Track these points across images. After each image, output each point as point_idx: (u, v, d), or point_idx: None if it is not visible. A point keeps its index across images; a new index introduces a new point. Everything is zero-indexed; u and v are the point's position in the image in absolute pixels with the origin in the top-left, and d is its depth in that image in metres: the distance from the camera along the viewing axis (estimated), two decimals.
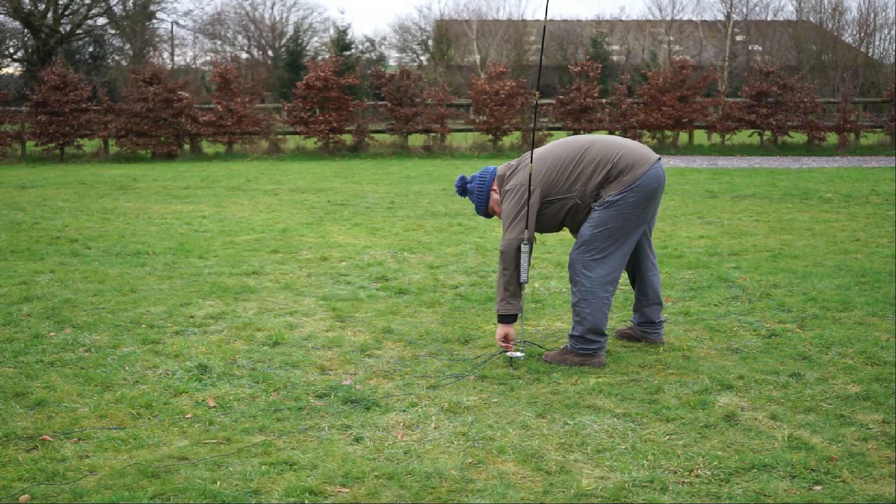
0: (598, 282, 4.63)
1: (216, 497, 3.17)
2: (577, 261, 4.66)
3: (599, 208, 4.60)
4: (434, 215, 10.18)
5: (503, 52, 36.48)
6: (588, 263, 4.63)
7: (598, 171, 4.60)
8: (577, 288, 4.68)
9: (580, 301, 4.66)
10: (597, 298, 4.64)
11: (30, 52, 32.92)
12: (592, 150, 4.66)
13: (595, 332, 4.63)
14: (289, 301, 6.05)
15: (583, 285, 4.65)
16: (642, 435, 3.71)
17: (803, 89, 20.46)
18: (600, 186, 4.61)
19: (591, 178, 4.61)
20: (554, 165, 4.68)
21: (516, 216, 4.63)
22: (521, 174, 4.71)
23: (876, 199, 11.43)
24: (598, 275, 4.63)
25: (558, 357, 4.70)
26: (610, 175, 4.59)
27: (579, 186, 4.63)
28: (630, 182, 4.56)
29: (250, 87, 20.89)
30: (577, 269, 4.67)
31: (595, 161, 4.63)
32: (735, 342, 5.05)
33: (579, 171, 4.63)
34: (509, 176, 4.79)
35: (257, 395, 4.20)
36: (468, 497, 3.18)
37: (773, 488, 3.23)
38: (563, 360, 4.67)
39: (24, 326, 5.38)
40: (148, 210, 10.68)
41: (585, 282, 4.64)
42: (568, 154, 4.69)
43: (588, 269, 4.64)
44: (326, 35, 40.89)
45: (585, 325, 4.63)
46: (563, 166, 4.66)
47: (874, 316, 5.55)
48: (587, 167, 4.63)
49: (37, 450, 3.58)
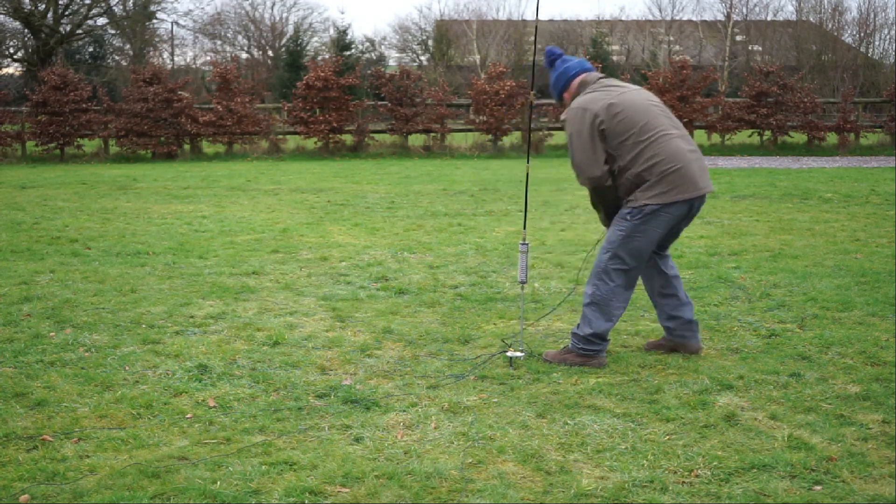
0: (617, 291, 4.59)
1: (216, 497, 3.17)
2: (604, 264, 4.59)
3: (632, 219, 4.48)
4: (434, 215, 10.18)
5: (503, 52, 36.48)
6: (613, 271, 4.57)
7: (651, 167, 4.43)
8: (594, 290, 4.62)
9: (593, 304, 4.61)
10: (609, 307, 4.60)
11: (30, 52, 32.94)
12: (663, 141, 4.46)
13: (599, 337, 4.61)
14: (289, 301, 6.05)
15: (601, 289, 4.59)
16: (642, 435, 3.71)
17: (803, 89, 20.46)
18: (639, 178, 4.45)
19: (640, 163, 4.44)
20: (629, 120, 4.47)
21: (588, 151, 4.46)
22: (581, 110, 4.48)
23: (876, 199, 11.43)
24: (617, 283, 4.58)
25: (559, 356, 4.68)
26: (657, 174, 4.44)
27: (626, 158, 4.46)
28: (671, 200, 4.44)
29: (250, 87, 20.88)
30: (600, 272, 4.60)
31: (656, 154, 4.44)
32: (735, 342, 5.05)
33: (639, 149, 4.45)
34: (584, 94, 4.58)
35: (257, 395, 4.20)
36: (468, 497, 3.18)
37: (773, 488, 3.23)
38: (563, 359, 4.66)
39: (24, 326, 5.38)
40: (148, 210, 10.68)
41: (603, 288, 4.58)
42: (646, 122, 4.48)
43: (610, 276, 4.57)
44: (326, 35, 40.92)
45: (592, 328, 4.59)
46: (634, 131, 4.46)
47: (874, 316, 5.55)
48: (646, 152, 4.44)
49: (37, 450, 3.58)
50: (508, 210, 10.63)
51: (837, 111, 20.98)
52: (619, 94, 4.57)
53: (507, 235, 8.74)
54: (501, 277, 6.78)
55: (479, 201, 11.47)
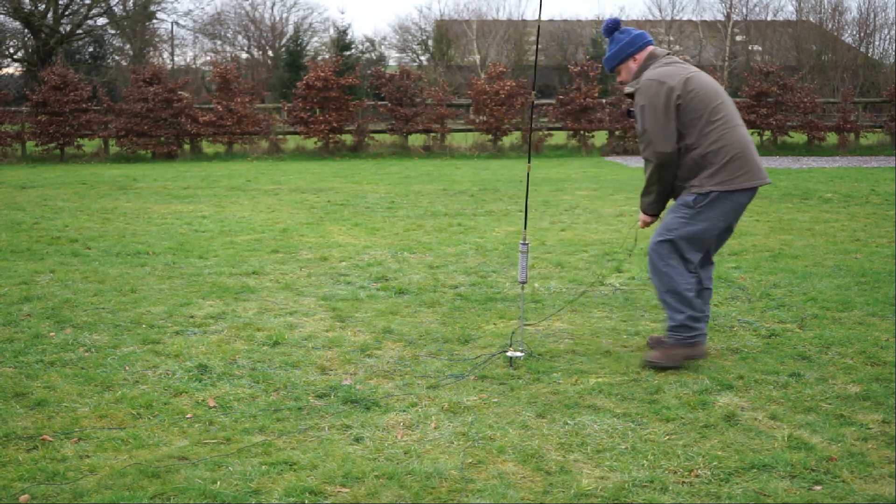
0: (680, 273, 4.49)
1: (216, 497, 3.17)
2: (662, 252, 4.51)
3: (696, 205, 4.43)
4: (434, 215, 10.18)
5: (503, 52, 36.49)
6: (671, 258, 4.49)
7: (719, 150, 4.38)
8: (659, 282, 4.54)
9: (668, 293, 4.52)
10: (682, 293, 4.49)
11: (30, 52, 32.93)
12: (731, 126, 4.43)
13: (693, 319, 4.51)
14: (289, 301, 6.05)
15: (666, 279, 4.50)
16: (642, 435, 3.71)
17: (803, 89, 20.46)
18: (705, 160, 4.39)
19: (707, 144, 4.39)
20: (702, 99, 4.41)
21: (661, 125, 4.38)
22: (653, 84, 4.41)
23: (876, 199, 11.43)
24: (678, 268, 4.49)
25: (664, 357, 4.53)
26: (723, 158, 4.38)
27: (693, 137, 4.41)
28: (738, 187, 4.39)
29: (250, 87, 20.87)
30: (660, 261, 4.51)
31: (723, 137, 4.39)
32: (735, 342, 5.05)
33: (708, 130, 4.39)
34: (655, 67, 4.52)
35: (257, 395, 4.20)
36: (468, 497, 3.18)
37: (773, 488, 3.23)
38: (670, 358, 4.51)
39: (24, 326, 5.38)
40: (148, 210, 10.68)
41: (669, 276, 4.49)
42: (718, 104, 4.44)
43: (670, 263, 4.49)
44: (326, 35, 40.92)
45: (683, 315, 4.50)
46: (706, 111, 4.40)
47: (874, 316, 5.55)
48: (713, 134, 4.39)
49: (37, 450, 3.58)
50: (508, 210, 10.63)
51: (837, 111, 20.98)
52: (693, 72, 4.50)
53: (507, 235, 8.74)
54: (501, 277, 6.79)
55: (479, 201, 11.47)
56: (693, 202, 4.45)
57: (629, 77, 4.65)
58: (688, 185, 4.50)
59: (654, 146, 4.44)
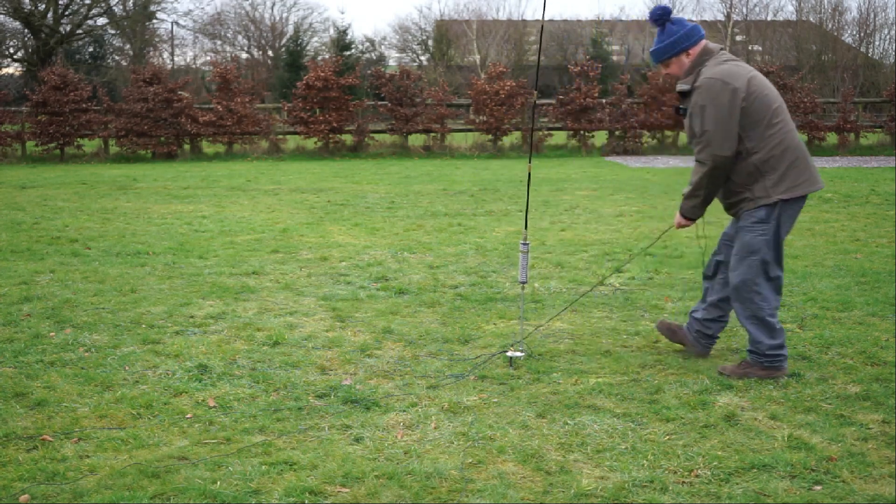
0: (769, 300, 4.37)
1: (216, 497, 3.17)
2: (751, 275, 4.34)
3: (770, 218, 4.29)
4: (434, 215, 10.18)
5: (503, 52, 36.49)
6: (762, 282, 4.34)
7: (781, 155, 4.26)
8: (743, 308, 4.40)
9: (753, 319, 4.38)
10: (768, 320, 4.38)
11: (30, 52, 32.93)
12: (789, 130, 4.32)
13: (775, 347, 4.37)
14: (289, 301, 6.05)
15: (751, 305, 4.37)
16: (642, 435, 3.71)
17: (803, 89, 20.45)
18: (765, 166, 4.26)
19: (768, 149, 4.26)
20: (765, 101, 4.28)
21: (723, 127, 4.22)
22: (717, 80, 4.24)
23: (876, 199, 11.43)
24: (765, 294, 4.37)
25: (739, 371, 4.42)
26: (785, 165, 4.27)
27: (754, 141, 4.27)
28: (801, 193, 4.30)
29: (250, 87, 20.87)
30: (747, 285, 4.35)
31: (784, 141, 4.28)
32: (735, 342, 5.05)
33: (769, 133, 4.26)
34: (713, 64, 4.33)
35: (257, 395, 4.20)
36: (468, 497, 3.18)
37: (773, 488, 3.23)
38: (745, 373, 4.39)
39: (24, 326, 5.38)
40: (148, 210, 10.68)
41: (755, 304, 4.36)
42: (777, 106, 4.32)
43: (758, 288, 4.35)
44: (326, 35, 40.91)
45: (768, 344, 4.36)
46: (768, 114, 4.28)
47: (874, 316, 5.55)
48: (774, 138, 4.27)
49: (37, 450, 3.58)
50: (508, 210, 10.63)
51: (837, 111, 20.97)
52: (752, 71, 4.35)
53: (507, 235, 8.74)
54: (501, 277, 6.78)
55: (479, 201, 11.47)
56: (766, 216, 4.30)
57: (680, 72, 4.44)
58: (746, 195, 4.34)
59: (713, 149, 4.25)
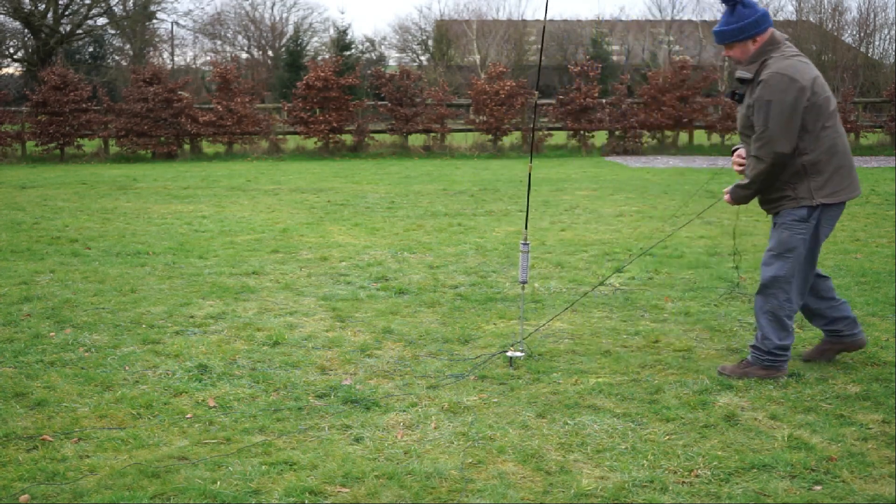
0: (793, 300, 4.35)
1: (216, 497, 3.17)
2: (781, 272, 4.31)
3: (811, 218, 4.26)
4: (434, 215, 10.18)
5: (503, 52, 36.49)
6: (790, 279, 4.31)
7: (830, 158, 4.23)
8: (765, 302, 4.37)
9: (769, 314, 4.36)
10: (784, 320, 4.37)
11: (30, 52, 32.93)
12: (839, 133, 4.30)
13: (783, 349, 4.37)
14: (289, 301, 6.05)
15: (773, 301, 4.34)
16: (642, 435, 3.71)
17: None
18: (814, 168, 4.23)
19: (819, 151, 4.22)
20: (824, 101, 4.22)
21: (786, 125, 4.15)
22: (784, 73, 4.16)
23: (876, 199, 11.42)
24: (791, 294, 4.32)
25: (738, 370, 4.42)
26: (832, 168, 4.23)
27: (807, 142, 4.21)
28: (843, 199, 4.27)
29: (250, 87, 20.87)
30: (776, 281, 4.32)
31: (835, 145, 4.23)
32: (735, 342, 5.05)
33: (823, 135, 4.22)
34: (779, 56, 4.24)
35: (257, 395, 4.20)
36: (468, 497, 3.18)
37: (773, 488, 3.23)
38: (744, 373, 4.39)
39: (24, 326, 5.38)
40: (148, 210, 10.68)
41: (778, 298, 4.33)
42: (833, 107, 4.28)
43: (786, 285, 4.31)
44: (326, 35, 40.90)
45: (776, 342, 4.34)
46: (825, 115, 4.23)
47: (874, 316, 5.55)
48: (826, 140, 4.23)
49: (37, 450, 3.58)
50: (508, 210, 10.63)
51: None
52: (815, 70, 4.27)
53: (507, 235, 8.74)
54: (501, 277, 6.78)
55: (479, 201, 11.47)
56: (807, 216, 4.27)
57: (743, 57, 4.34)
58: (789, 193, 4.31)
59: (774, 146, 4.19)
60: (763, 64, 4.28)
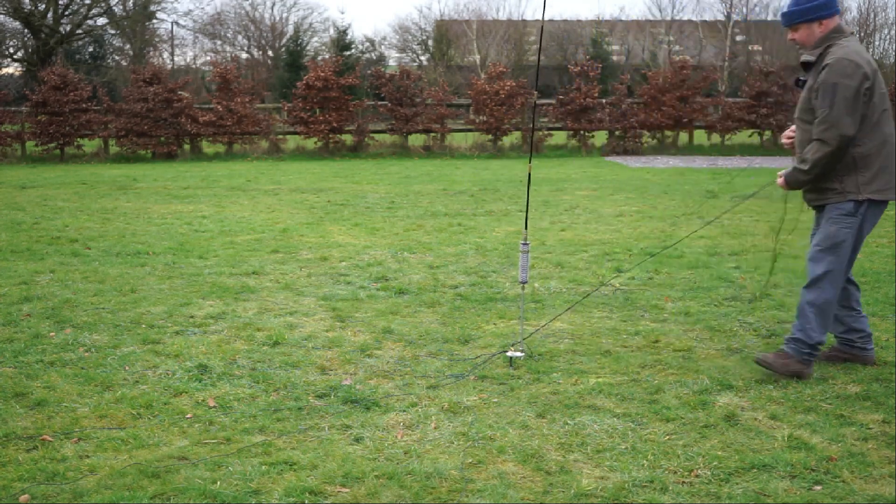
0: (835, 295, 4.34)
1: (216, 497, 3.17)
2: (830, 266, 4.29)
3: (858, 213, 4.25)
4: (434, 215, 10.18)
5: (503, 52, 36.51)
6: (836, 273, 4.29)
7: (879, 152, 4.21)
8: (815, 296, 4.33)
9: (815, 308, 4.32)
10: (828, 315, 4.36)
11: (30, 52, 32.93)
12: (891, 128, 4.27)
13: (820, 344, 4.37)
14: (289, 301, 6.05)
15: (822, 295, 4.31)
16: (642, 435, 3.71)
17: None
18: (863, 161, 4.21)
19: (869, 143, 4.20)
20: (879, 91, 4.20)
21: (851, 108, 4.12)
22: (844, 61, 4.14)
23: None
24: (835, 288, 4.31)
25: (778, 363, 4.37)
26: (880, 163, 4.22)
27: (861, 132, 4.19)
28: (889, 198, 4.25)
29: (250, 87, 20.87)
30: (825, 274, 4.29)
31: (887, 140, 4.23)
32: (735, 342, 5.05)
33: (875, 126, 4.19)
34: (844, 43, 4.21)
35: (257, 395, 4.20)
36: (468, 497, 3.18)
37: (773, 488, 3.23)
38: (784, 366, 4.35)
39: (24, 326, 5.38)
40: (148, 210, 10.68)
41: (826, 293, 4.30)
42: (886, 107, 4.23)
43: (833, 279, 4.29)
44: (326, 35, 40.91)
45: (817, 337, 4.33)
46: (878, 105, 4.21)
47: (874, 316, 5.55)
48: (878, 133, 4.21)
49: (37, 450, 3.58)
50: (508, 210, 10.63)
51: None
52: (875, 65, 4.25)
53: (507, 235, 8.74)
54: (501, 277, 6.78)
55: (479, 201, 11.47)
56: (854, 210, 4.26)
57: (807, 40, 4.32)
58: (836, 186, 4.29)
59: (840, 128, 4.14)
60: (827, 49, 4.27)
